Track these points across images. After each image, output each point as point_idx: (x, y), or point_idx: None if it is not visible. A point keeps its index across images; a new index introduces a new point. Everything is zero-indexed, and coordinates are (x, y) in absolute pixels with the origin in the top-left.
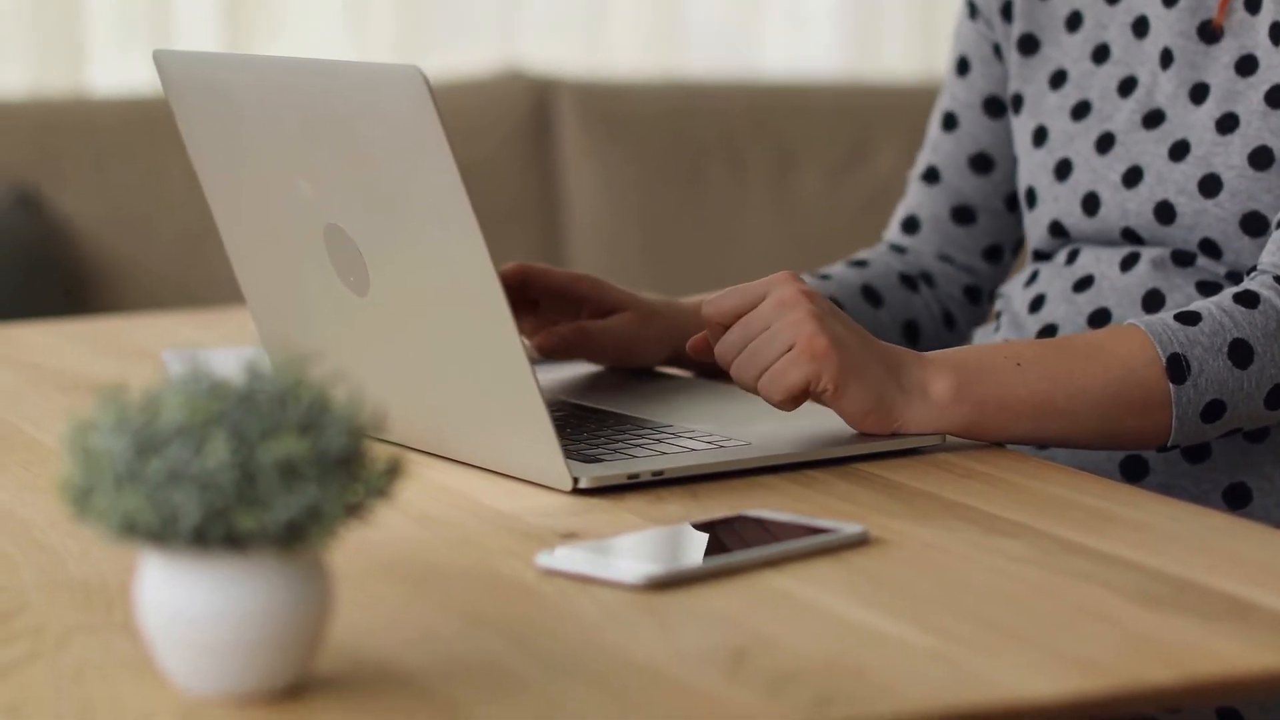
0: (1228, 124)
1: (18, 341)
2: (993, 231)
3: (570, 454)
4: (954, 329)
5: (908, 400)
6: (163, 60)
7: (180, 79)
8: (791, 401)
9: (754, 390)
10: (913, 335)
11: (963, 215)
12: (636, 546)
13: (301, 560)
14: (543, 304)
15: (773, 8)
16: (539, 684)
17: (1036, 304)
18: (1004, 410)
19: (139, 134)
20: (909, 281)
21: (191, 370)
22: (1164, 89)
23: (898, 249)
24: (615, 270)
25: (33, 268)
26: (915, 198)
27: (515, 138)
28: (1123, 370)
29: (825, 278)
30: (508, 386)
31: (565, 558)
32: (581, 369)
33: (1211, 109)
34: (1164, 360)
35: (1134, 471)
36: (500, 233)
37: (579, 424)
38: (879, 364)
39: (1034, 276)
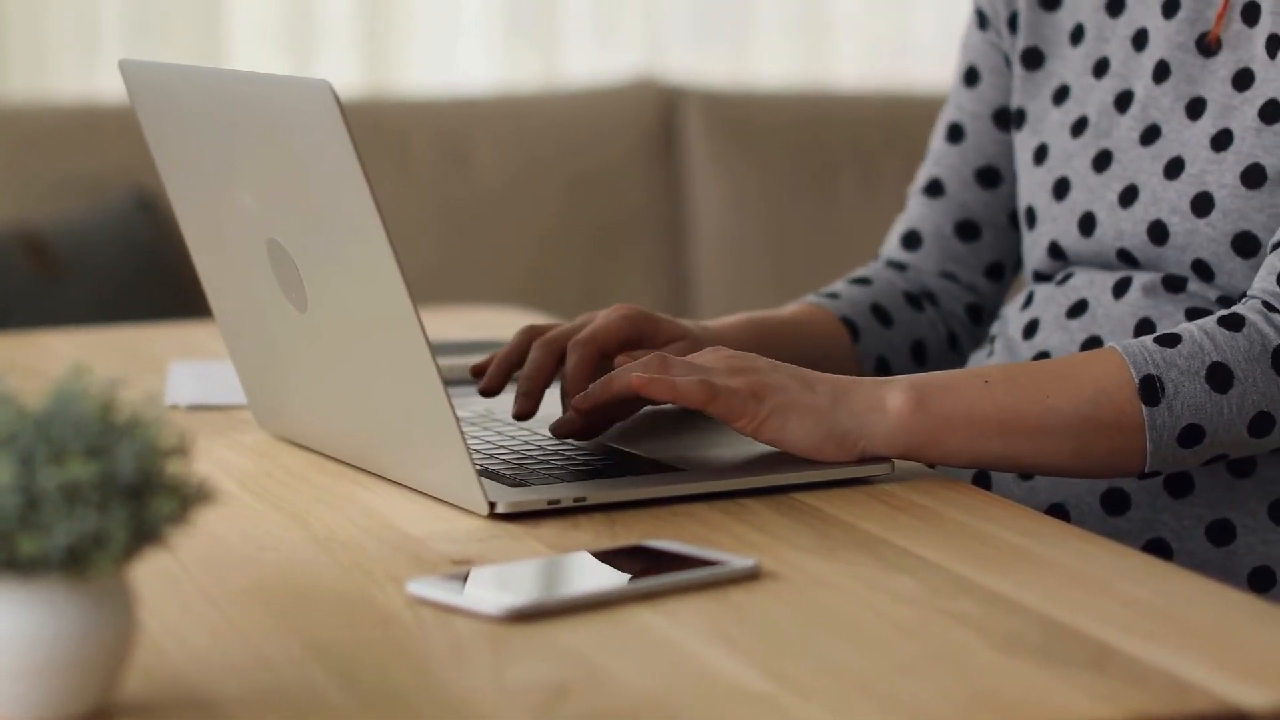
0: (1222, 140)
1: (40, 348)
2: (996, 248)
3: (498, 477)
4: (957, 348)
5: (863, 423)
6: (128, 70)
7: (144, 89)
8: (697, 395)
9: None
10: (921, 356)
11: (967, 230)
12: (510, 577)
13: (95, 586)
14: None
15: (925, 23)
16: (343, 717)
17: (1030, 329)
18: (971, 426)
19: None
20: (913, 300)
21: None
22: (1161, 104)
23: (897, 265)
24: (740, 280)
25: (149, 269)
26: (917, 211)
27: (643, 146)
28: (1094, 391)
29: (834, 296)
30: (425, 410)
31: (433, 587)
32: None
33: (1207, 125)
34: (1137, 381)
35: (1115, 505)
36: (625, 240)
37: (513, 447)
38: (824, 398)
39: (1029, 299)
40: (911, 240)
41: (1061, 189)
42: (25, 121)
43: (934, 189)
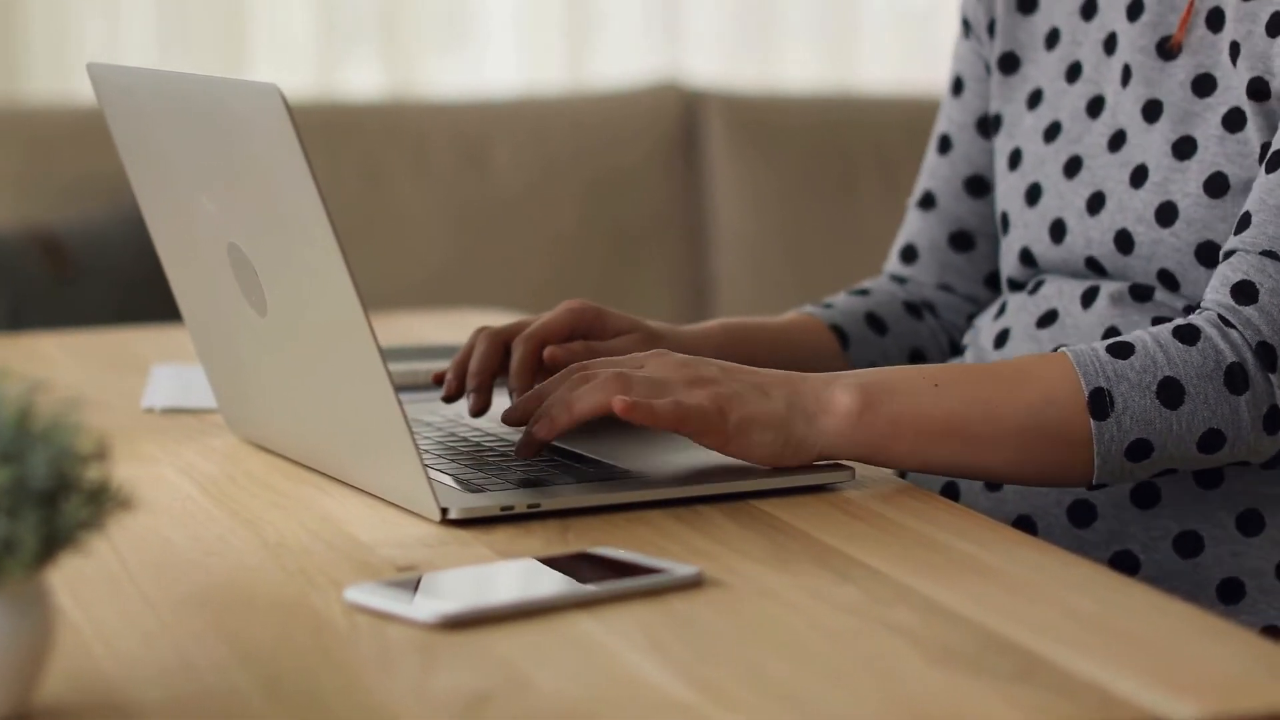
0: (1185, 149)
1: (30, 351)
2: (992, 258)
3: (455, 482)
4: (958, 356)
5: (813, 426)
6: (96, 73)
7: (111, 92)
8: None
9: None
10: (920, 363)
11: (961, 241)
12: (450, 583)
13: (7, 592)
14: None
15: (951, 27)
16: None
17: (1001, 339)
18: (919, 432)
19: None
20: (913, 309)
21: None
22: (1125, 109)
23: (898, 279)
24: (760, 283)
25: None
26: (913, 225)
27: (663, 149)
28: (1043, 400)
29: (828, 306)
30: (378, 416)
31: (371, 593)
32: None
33: (1165, 130)
34: (1086, 394)
35: (1082, 517)
36: (645, 244)
37: (473, 452)
38: (780, 403)
39: (1003, 309)
40: (909, 254)
41: (1034, 195)
42: (43, 123)
43: (927, 201)
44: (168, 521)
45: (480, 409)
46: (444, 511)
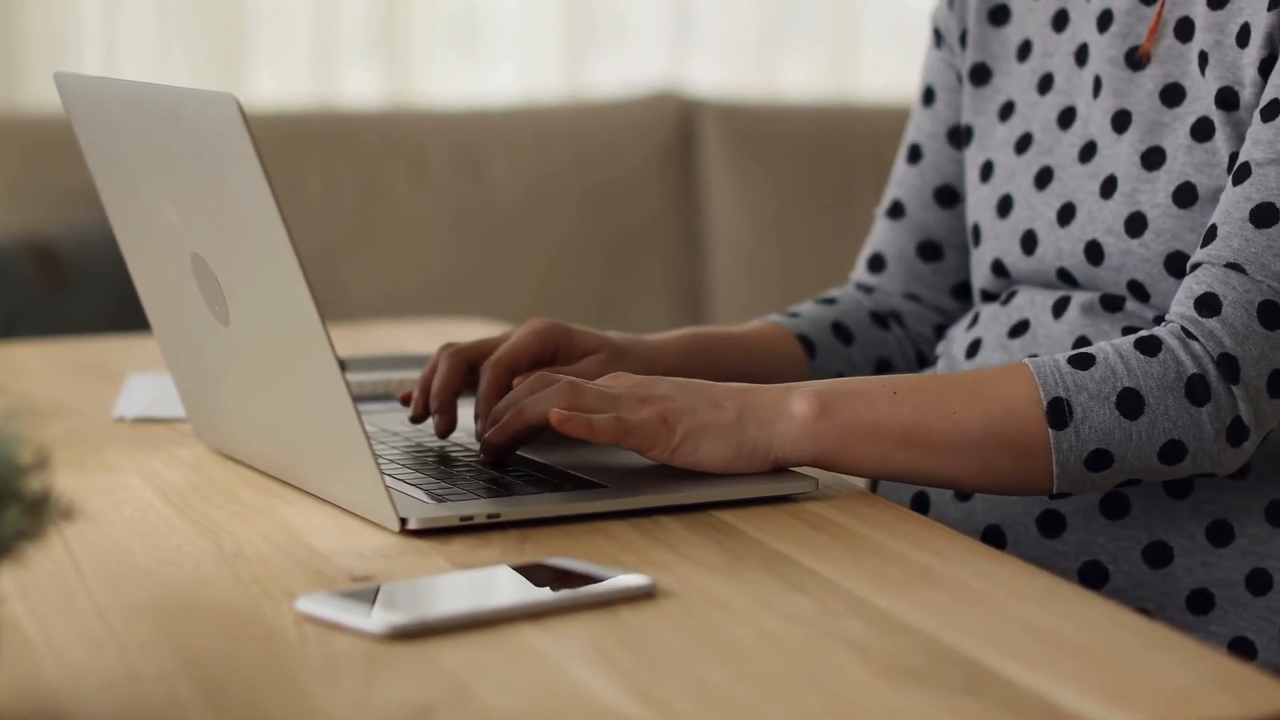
0: (1154, 159)
1: (6, 360)
2: (959, 268)
3: (418, 491)
4: (926, 367)
5: (770, 433)
6: (63, 83)
7: (78, 101)
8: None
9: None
10: (885, 373)
11: (929, 251)
12: (403, 594)
13: None
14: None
15: None
16: None
17: (973, 349)
18: (875, 436)
19: (278, 146)
20: (879, 319)
21: None
22: (1096, 119)
23: (865, 288)
24: (756, 292)
25: None
26: (881, 234)
27: (660, 157)
28: (1003, 409)
29: (794, 315)
30: (336, 427)
31: (322, 603)
32: (466, 406)
33: (1134, 140)
34: (1045, 404)
35: (1051, 527)
36: (641, 252)
37: (437, 462)
38: (731, 413)
39: (975, 319)
40: (876, 263)
41: (1005, 206)
42: (39, 131)
43: (895, 211)
44: (128, 531)
45: (446, 430)
46: (403, 522)
